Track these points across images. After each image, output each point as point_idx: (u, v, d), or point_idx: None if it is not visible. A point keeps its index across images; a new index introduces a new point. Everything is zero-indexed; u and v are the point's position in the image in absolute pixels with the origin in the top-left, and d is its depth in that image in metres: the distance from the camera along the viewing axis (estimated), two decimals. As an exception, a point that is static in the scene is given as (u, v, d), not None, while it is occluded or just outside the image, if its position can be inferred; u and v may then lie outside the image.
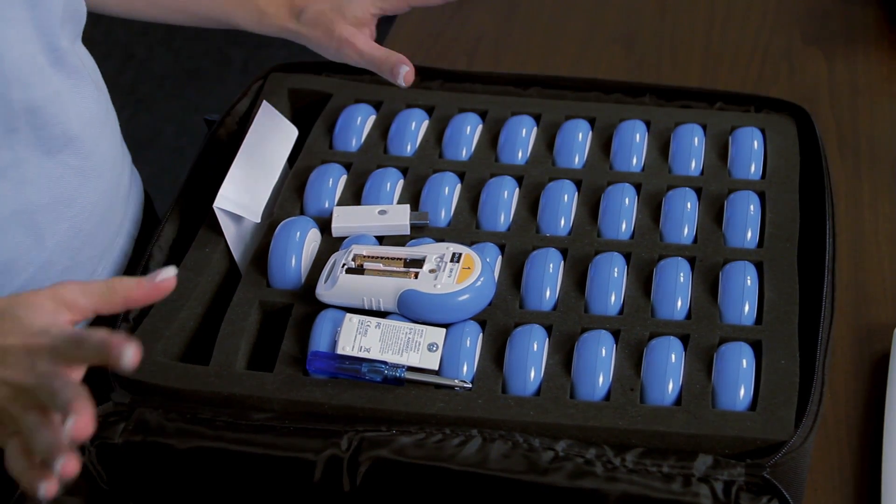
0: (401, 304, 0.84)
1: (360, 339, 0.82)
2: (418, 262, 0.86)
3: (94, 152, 0.86)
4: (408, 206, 0.94)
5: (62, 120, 0.81)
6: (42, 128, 0.80)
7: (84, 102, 0.86)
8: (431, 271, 0.85)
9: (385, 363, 0.81)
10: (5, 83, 0.74)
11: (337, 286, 0.85)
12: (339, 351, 0.82)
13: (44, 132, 0.80)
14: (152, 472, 0.80)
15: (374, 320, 0.83)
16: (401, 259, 0.86)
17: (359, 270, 0.86)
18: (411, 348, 0.82)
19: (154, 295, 0.73)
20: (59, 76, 0.82)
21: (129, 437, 0.79)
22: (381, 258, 0.86)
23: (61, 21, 0.81)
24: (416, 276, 0.85)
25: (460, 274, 0.85)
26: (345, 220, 0.93)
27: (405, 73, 0.95)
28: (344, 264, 0.86)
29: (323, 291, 0.86)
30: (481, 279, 0.85)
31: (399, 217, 0.93)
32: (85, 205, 0.86)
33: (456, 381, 0.81)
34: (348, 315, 0.84)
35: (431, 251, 0.86)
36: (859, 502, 0.87)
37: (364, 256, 0.87)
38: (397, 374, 0.80)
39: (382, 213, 0.93)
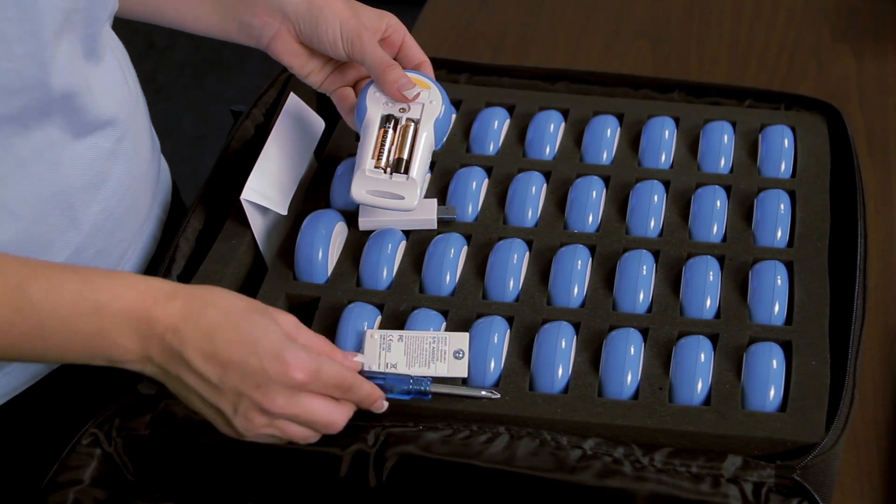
0: None
1: (384, 356, 0.81)
2: None
3: (126, 135, 0.87)
4: (435, 200, 0.93)
5: (95, 106, 0.82)
6: (75, 113, 0.80)
7: (114, 86, 0.86)
8: None
9: (409, 377, 0.79)
10: (44, 70, 0.74)
11: None
12: (365, 369, 0.80)
13: (76, 117, 0.80)
14: (178, 463, 0.80)
15: (395, 333, 0.83)
16: None
17: None
18: (437, 358, 0.82)
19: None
20: (90, 63, 0.82)
21: (155, 429, 0.79)
22: None
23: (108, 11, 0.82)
24: None
25: None
26: (372, 213, 0.93)
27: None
28: None
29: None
30: None
31: (426, 211, 0.92)
32: (116, 187, 0.86)
33: (483, 391, 0.80)
34: (369, 332, 0.83)
35: None
36: (887, 505, 0.86)
37: None
38: (422, 388, 0.79)
39: (410, 206, 0.93)
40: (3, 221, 0.78)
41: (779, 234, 0.91)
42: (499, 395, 0.80)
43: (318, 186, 0.97)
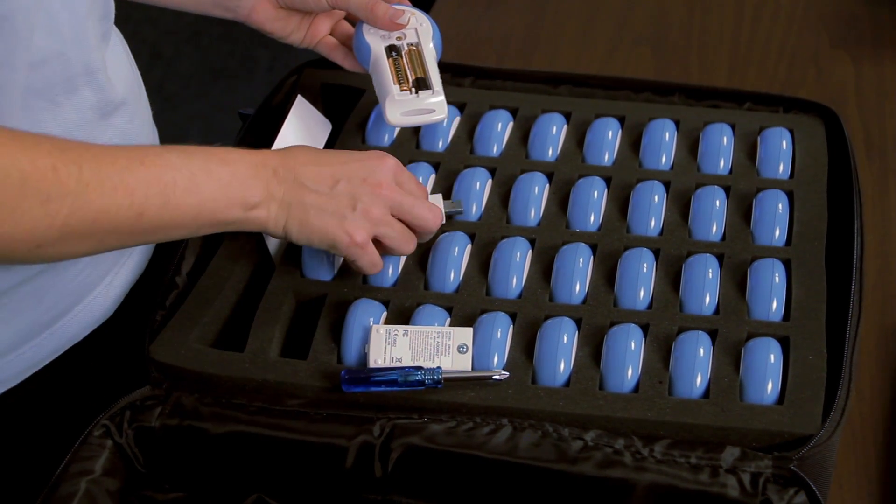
0: None
1: (390, 350, 0.83)
2: None
3: (135, 117, 0.90)
4: (440, 195, 0.95)
5: (111, 85, 0.85)
6: (99, 89, 0.83)
7: (122, 67, 0.89)
8: None
9: (420, 369, 0.81)
10: (62, 41, 0.77)
11: None
12: (371, 364, 0.82)
13: (100, 94, 0.83)
14: (188, 455, 0.82)
15: (400, 328, 0.84)
16: None
17: None
18: (442, 352, 0.83)
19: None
20: (103, 43, 0.85)
21: (165, 421, 0.81)
22: None
23: None
24: None
25: None
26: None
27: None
28: None
29: None
30: None
31: (432, 207, 0.94)
32: None
33: (493, 374, 0.82)
34: (374, 326, 0.84)
35: None
36: (884, 498, 0.88)
37: None
38: (434, 378, 0.81)
39: (415, 205, 0.94)
40: None
41: (777, 233, 0.93)
42: (508, 374, 0.82)
43: (325, 187, 0.98)
